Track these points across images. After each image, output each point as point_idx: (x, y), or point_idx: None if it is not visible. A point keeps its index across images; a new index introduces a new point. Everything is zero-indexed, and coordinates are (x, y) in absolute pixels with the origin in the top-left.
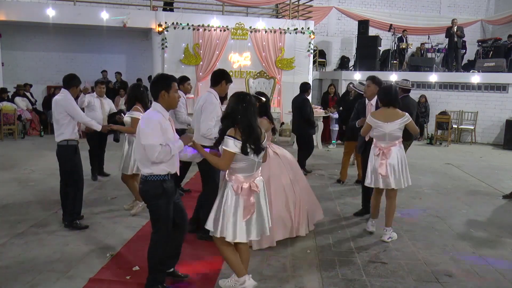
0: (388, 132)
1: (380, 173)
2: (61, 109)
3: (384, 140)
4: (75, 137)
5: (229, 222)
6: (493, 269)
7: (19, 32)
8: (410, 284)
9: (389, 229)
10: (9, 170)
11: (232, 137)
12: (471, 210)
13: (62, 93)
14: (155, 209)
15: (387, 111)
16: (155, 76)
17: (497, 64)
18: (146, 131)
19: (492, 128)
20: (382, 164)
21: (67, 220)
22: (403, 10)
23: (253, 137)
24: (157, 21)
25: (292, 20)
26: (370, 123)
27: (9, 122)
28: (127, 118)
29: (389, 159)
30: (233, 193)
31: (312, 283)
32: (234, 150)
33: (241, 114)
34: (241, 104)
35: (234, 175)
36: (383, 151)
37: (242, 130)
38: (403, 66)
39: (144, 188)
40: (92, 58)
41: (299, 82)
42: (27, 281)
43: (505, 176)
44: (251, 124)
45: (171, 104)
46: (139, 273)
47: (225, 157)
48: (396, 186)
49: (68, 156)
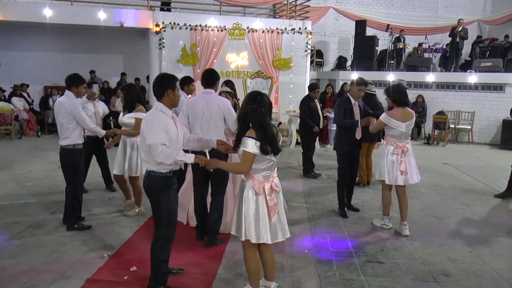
0: (405, 131)
1: (401, 170)
2: (66, 113)
3: (401, 138)
4: (81, 141)
5: (251, 224)
6: (490, 269)
7: (16, 32)
8: (407, 283)
9: (406, 223)
10: (6, 171)
11: (251, 138)
12: (468, 210)
13: (66, 95)
14: (157, 204)
15: (403, 110)
16: (160, 75)
17: (493, 64)
18: (148, 130)
19: (489, 128)
20: (402, 162)
21: (70, 224)
22: (400, 10)
23: (268, 137)
24: (155, 21)
25: (290, 20)
26: (387, 123)
27: (6, 122)
28: (129, 119)
29: (407, 156)
30: (253, 194)
31: (309, 283)
32: (253, 151)
33: (252, 115)
34: (251, 105)
35: (254, 176)
36: (402, 149)
37: (257, 131)
38: (401, 66)
39: (147, 183)
40: (90, 58)
41: (296, 82)
42: (24, 281)
43: (502, 175)
44: (263, 124)
45: (175, 102)
46: (137, 273)
47: (246, 159)
48: (413, 181)
49: (73, 160)
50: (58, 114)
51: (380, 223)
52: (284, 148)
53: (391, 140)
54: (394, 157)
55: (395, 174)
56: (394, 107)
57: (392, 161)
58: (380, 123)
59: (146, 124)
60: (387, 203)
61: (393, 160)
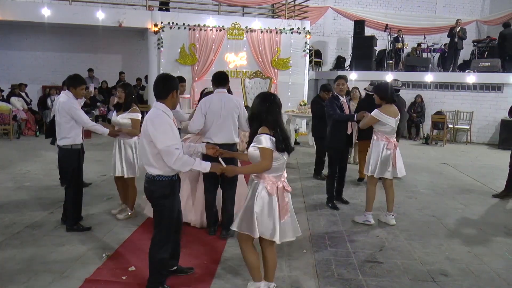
0: (394, 127)
1: (392, 164)
2: (64, 113)
3: (391, 134)
4: (79, 141)
5: (263, 223)
6: (488, 268)
7: (14, 32)
8: (406, 283)
9: (392, 213)
10: (5, 170)
11: (265, 134)
12: (467, 210)
13: (65, 94)
14: (160, 209)
15: (392, 107)
16: (164, 75)
17: (492, 64)
18: (158, 134)
19: (487, 128)
20: (395, 156)
21: (70, 224)
22: (399, 10)
23: (282, 136)
24: (153, 21)
25: (288, 20)
26: (380, 118)
27: (4, 122)
28: (124, 120)
29: (397, 150)
30: (266, 194)
31: (308, 283)
32: (269, 146)
33: (266, 114)
34: (265, 104)
35: (265, 176)
36: (394, 144)
37: (272, 129)
38: (399, 66)
39: (150, 188)
40: (88, 58)
41: (295, 82)
42: (23, 281)
43: (500, 175)
44: (278, 123)
45: (175, 104)
46: (135, 273)
47: (265, 155)
48: (401, 174)
49: (71, 160)
50: (57, 113)
51: (362, 220)
52: None
53: (383, 136)
54: (389, 152)
55: (383, 168)
56: (383, 104)
57: (387, 156)
58: (373, 119)
59: (154, 127)
60: (372, 197)
61: (388, 155)
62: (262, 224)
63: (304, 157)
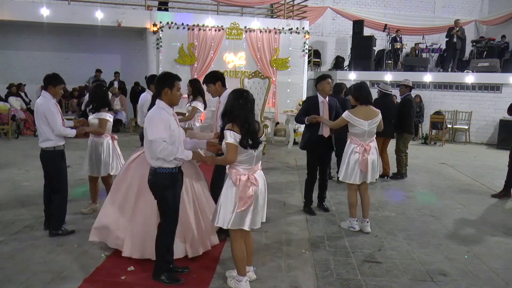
0: (368, 130)
1: (361, 169)
2: (40, 115)
3: (364, 137)
4: (62, 143)
5: (227, 212)
6: (487, 268)
7: (13, 31)
8: (404, 283)
9: (368, 220)
10: (3, 170)
11: (229, 130)
12: (465, 209)
13: (43, 95)
14: (162, 200)
15: (366, 109)
16: (160, 74)
17: (491, 64)
18: (150, 127)
19: (486, 127)
20: (364, 160)
21: (53, 229)
22: (397, 10)
23: (250, 132)
24: (152, 20)
25: (287, 20)
26: (349, 120)
27: (3, 122)
28: (93, 119)
29: (370, 155)
30: (232, 185)
31: (307, 283)
32: (231, 141)
33: (238, 110)
34: (238, 101)
35: (234, 168)
36: (365, 148)
37: (240, 125)
38: (398, 66)
39: (153, 180)
40: (87, 58)
41: (294, 82)
42: (21, 281)
43: (499, 175)
44: (247, 119)
45: (173, 101)
46: (134, 273)
47: (229, 150)
48: (373, 179)
49: (54, 162)
50: (35, 116)
51: (347, 226)
52: (282, 147)
53: (354, 139)
54: (356, 156)
55: (354, 172)
56: (357, 105)
57: (355, 160)
58: (342, 120)
59: (148, 121)
60: (353, 203)
61: (355, 159)
62: (226, 214)
63: (304, 157)
